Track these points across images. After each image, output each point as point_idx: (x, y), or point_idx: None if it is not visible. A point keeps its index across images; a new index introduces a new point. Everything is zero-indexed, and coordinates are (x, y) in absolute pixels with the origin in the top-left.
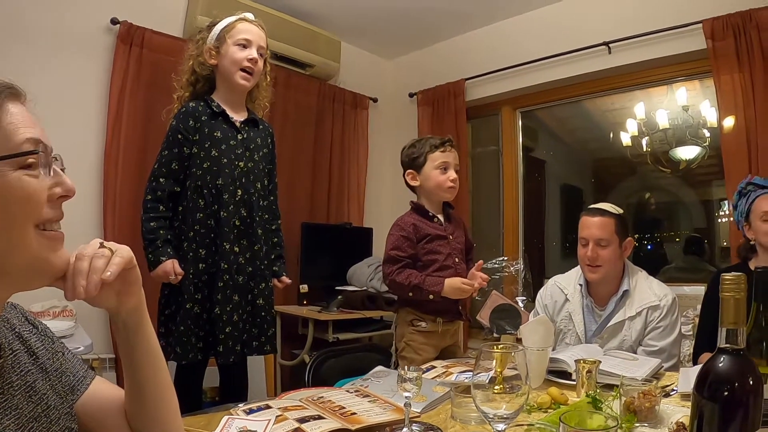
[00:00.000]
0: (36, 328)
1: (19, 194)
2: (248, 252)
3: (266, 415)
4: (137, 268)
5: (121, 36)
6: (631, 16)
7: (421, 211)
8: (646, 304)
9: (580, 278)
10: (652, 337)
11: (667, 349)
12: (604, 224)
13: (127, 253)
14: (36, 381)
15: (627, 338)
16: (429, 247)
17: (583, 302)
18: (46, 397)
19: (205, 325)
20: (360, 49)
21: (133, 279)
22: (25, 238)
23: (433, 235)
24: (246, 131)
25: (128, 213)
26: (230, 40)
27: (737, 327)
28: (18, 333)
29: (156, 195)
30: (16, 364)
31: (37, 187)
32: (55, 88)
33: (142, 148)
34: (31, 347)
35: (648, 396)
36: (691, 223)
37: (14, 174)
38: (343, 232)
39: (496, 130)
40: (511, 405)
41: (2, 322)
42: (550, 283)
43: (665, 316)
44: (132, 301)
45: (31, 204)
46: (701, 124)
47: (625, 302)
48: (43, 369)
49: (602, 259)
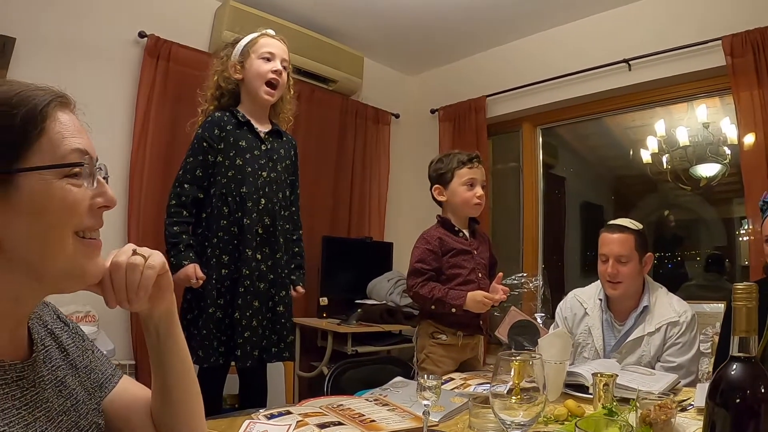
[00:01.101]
0: (67, 326)
1: (61, 203)
2: (270, 260)
3: (287, 421)
4: (169, 274)
5: (148, 49)
6: (650, 34)
7: (447, 225)
8: (665, 320)
9: (600, 293)
10: (671, 353)
11: (686, 365)
12: (623, 240)
13: (160, 260)
14: (66, 376)
15: (645, 354)
16: (453, 261)
17: (602, 317)
18: (75, 392)
19: (227, 329)
20: (382, 65)
21: (165, 284)
22: (63, 245)
23: (458, 250)
24: (270, 142)
25: (152, 222)
26: (254, 54)
27: (749, 335)
28: (50, 330)
29: (180, 200)
30: (47, 359)
31: (80, 196)
32: (83, 99)
33: (166, 159)
34: (63, 344)
35: (664, 409)
36: (711, 241)
37: (58, 183)
38: (363, 246)
39: (517, 146)
40: (528, 413)
41: (36, 319)
42: (570, 296)
43: (684, 332)
44: (163, 305)
45: (73, 213)
46: (721, 141)
47: (645, 318)
48: (73, 365)
49: (622, 275)
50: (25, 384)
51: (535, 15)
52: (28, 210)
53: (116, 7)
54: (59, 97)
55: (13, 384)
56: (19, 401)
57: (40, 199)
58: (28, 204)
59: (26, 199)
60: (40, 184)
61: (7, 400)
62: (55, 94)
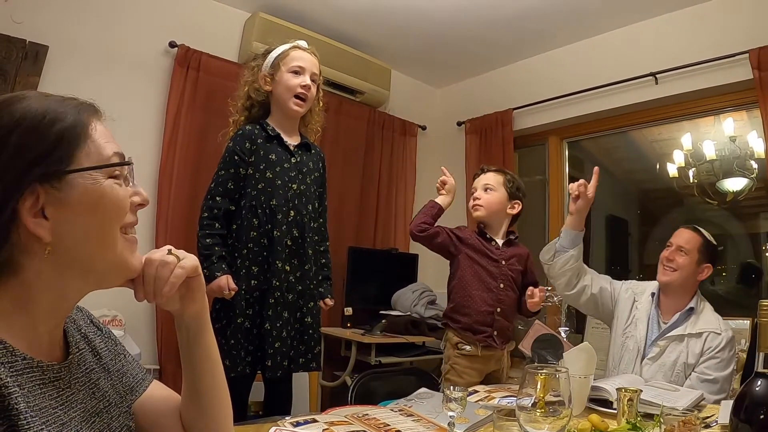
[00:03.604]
0: (100, 330)
1: (112, 200)
2: (299, 271)
3: (313, 429)
4: (201, 277)
5: (178, 59)
6: (677, 47)
7: (481, 233)
8: (710, 329)
9: (654, 288)
10: (709, 366)
11: (720, 381)
12: (692, 238)
13: (192, 262)
14: (99, 379)
15: (683, 355)
16: (474, 256)
17: (650, 311)
18: (107, 394)
19: (255, 339)
20: (410, 77)
21: (197, 286)
22: (114, 239)
23: (481, 251)
24: (299, 155)
25: (180, 228)
26: (284, 68)
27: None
28: (84, 334)
29: (212, 213)
30: (81, 362)
31: (124, 194)
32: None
33: (195, 167)
34: (96, 348)
35: (688, 425)
36: (738, 257)
37: (107, 182)
38: (389, 257)
39: (543, 159)
40: (554, 426)
41: (71, 322)
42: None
43: (724, 348)
44: (195, 307)
45: (120, 209)
46: (748, 155)
47: (690, 319)
48: (105, 369)
49: (677, 263)
50: (61, 385)
51: (561, 28)
52: (84, 208)
53: (148, 17)
54: (92, 106)
55: (50, 384)
56: (56, 401)
57: (93, 197)
58: (83, 202)
59: (82, 197)
60: (92, 184)
61: (44, 400)
62: (89, 104)
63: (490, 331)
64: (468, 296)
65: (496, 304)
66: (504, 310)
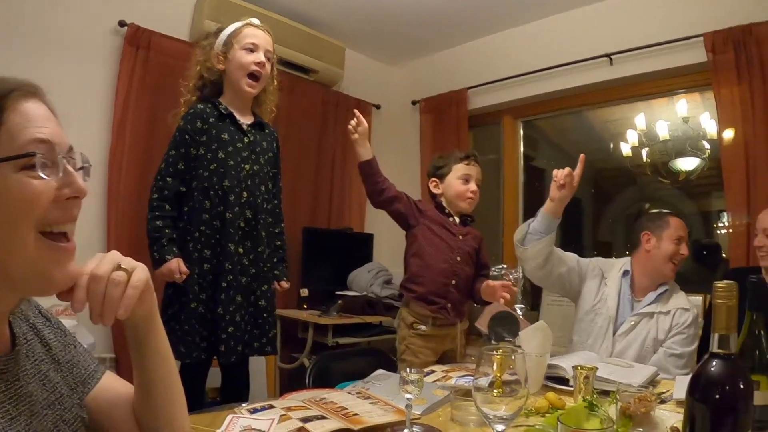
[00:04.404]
0: (49, 321)
1: (18, 196)
2: (252, 254)
3: (270, 415)
4: (151, 284)
5: (128, 38)
6: (633, 29)
7: (440, 207)
8: (679, 305)
9: (626, 265)
10: (676, 341)
11: (686, 356)
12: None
13: (143, 275)
14: (49, 371)
15: (653, 331)
16: (433, 227)
17: (621, 288)
18: (59, 386)
19: (209, 324)
20: (364, 55)
21: (147, 294)
22: (24, 243)
23: (440, 223)
24: (252, 134)
25: (131, 213)
26: (237, 45)
27: (729, 333)
28: (32, 324)
29: (162, 194)
30: (30, 353)
31: (41, 188)
32: (60, 89)
33: (146, 150)
34: (45, 339)
35: (644, 401)
36: (691, 235)
37: (16, 176)
38: (344, 237)
39: (498, 138)
40: (511, 407)
41: (18, 314)
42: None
43: (691, 324)
44: (144, 308)
45: (32, 206)
46: (701, 135)
47: (661, 299)
48: (55, 360)
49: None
50: (9, 378)
51: (517, 7)
52: None
53: None
54: (24, 86)
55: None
56: (3, 395)
57: None
58: None
59: None
60: None
61: None
62: (18, 84)
63: (443, 303)
64: (425, 266)
65: (452, 276)
66: (459, 284)
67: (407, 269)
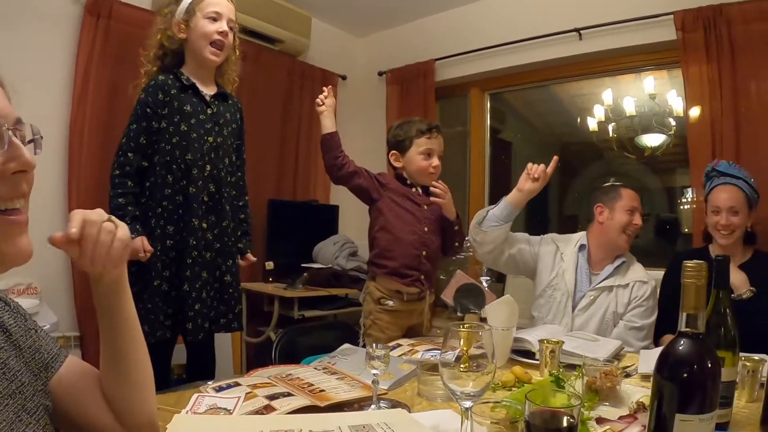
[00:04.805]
0: (8, 305)
1: None
2: (216, 228)
3: (236, 393)
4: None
5: (88, 7)
6: (603, 4)
7: (401, 179)
8: (637, 278)
9: (582, 239)
10: (635, 314)
11: (646, 328)
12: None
13: (127, 234)
14: (9, 358)
15: (612, 304)
16: (397, 199)
17: (578, 263)
18: (20, 374)
19: (174, 302)
20: (330, 25)
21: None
22: None
23: (404, 195)
24: (216, 106)
25: (93, 188)
26: (200, 13)
27: (697, 312)
28: None
29: (124, 170)
30: None
31: None
32: (19, 59)
33: (108, 122)
34: (4, 324)
35: (609, 376)
36: (654, 209)
37: None
38: (309, 209)
39: (465, 111)
40: (478, 383)
41: None
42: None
43: (649, 297)
44: (116, 272)
45: None
46: (667, 112)
47: (619, 272)
48: (16, 346)
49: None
50: None
51: None
52: None
53: None
54: None
55: None
56: None
57: None
58: None
59: None
60: None
61: None
62: None
63: (417, 275)
64: (394, 239)
65: (422, 247)
66: (429, 254)
67: (375, 244)
